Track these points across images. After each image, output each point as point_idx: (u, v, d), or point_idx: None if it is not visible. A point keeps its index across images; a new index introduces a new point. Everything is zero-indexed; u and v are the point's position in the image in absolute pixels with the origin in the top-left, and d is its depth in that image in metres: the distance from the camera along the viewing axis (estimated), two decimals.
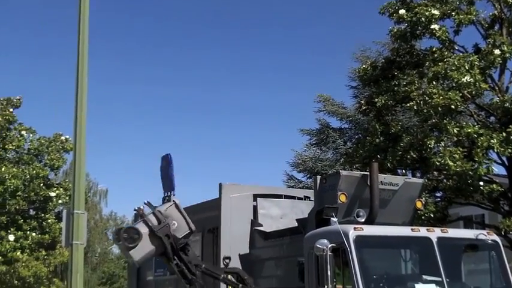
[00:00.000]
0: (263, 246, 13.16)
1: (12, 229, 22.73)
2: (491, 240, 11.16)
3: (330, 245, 9.89)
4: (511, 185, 17.92)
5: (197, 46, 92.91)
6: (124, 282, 39.99)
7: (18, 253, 22.47)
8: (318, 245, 9.98)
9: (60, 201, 23.80)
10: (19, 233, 22.75)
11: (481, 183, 16.73)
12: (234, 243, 13.32)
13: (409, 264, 11.51)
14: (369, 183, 11.38)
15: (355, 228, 10.28)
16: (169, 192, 11.75)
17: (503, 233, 17.05)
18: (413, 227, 11.01)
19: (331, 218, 10.77)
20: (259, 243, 13.25)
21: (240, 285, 11.83)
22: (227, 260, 12.99)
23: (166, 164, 12.03)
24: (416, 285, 10.28)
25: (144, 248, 11.03)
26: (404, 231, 10.83)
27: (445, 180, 18.00)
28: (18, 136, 24.69)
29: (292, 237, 12.32)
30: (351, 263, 9.92)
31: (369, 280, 9.98)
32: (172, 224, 11.17)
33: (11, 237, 22.46)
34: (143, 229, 11.00)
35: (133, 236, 10.89)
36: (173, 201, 11.42)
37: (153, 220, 11.07)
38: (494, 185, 16.78)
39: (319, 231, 10.77)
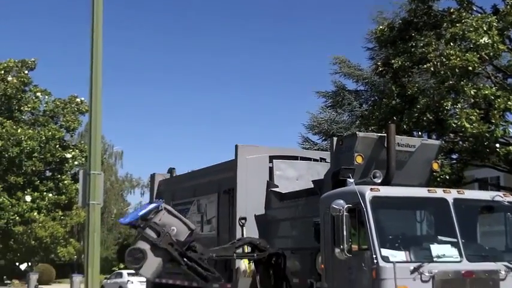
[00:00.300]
0: (279, 207, 13.21)
1: (28, 190, 22.90)
2: (508, 201, 11.10)
3: (346, 206, 9.89)
4: None
5: (213, 13, 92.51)
6: None
7: (35, 213, 22.66)
8: (334, 206, 9.99)
9: (76, 163, 23.94)
10: (35, 193, 22.92)
11: (497, 145, 16.66)
12: (249, 204, 13.38)
13: (424, 225, 11.51)
14: (385, 145, 11.32)
15: (371, 189, 10.26)
16: (158, 205, 11.72)
17: None
18: (429, 188, 10.97)
19: (348, 179, 10.77)
20: (275, 204, 13.30)
21: (255, 254, 11.94)
22: (243, 221, 13.09)
23: (131, 219, 12.26)
24: (431, 245, 10.28)
25: (152, 264, 11.05)
26: (421, 192, 10.80)
27: (461, 142, 17.94)
28: (34, 98, 24.70)
29: (308, 198, 12.32)
30: (366, 223, 9.93)
31: (384, 240, 9.98)
32: (172, 230, 11.13)
33: (28, 198, 22.63)
34: (145, 246, 10.99)
35: (138, 256, 10.94)
36: (164, 208, 11.38)
37: (152, 234, 11.04)
38: (511, 147, 16.69)
39: (335, 192, 10.78)
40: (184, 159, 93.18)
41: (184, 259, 11.21)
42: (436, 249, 10.19)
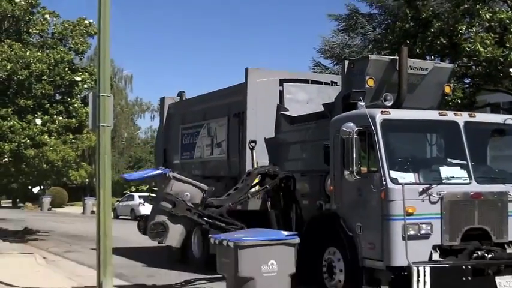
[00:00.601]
0: (289, 131, 13.20)
1: (39, 113, 22.86)
2: None
3: (356, 128, 9.87)
4: None
5: None
6: (151, 165, 40.84)
7: (46, 137, 22.68)
8: (344, 128, 9.96)
9: (85, 86, 23.72)
10: (46, 117, 22.86)
11: (511, 69, 16.43)
12: (259, 127, 13.39)
13: (435, 148, 11.48)
14: (397, 68, 11.18)
15: (382, 112, 10.19)
16: (164, 173, 11.88)
17: None
18: (440, 111, 10.89)
19: (358, 102, 10.69)
20: (285, 128, 13.29)
21: (267, 185, 12.06)
22: (253, 144, 13.13)
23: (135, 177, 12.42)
24: (441, 167, 10.28)
25: (175, 233, 11.35)
26: (432, 115, 10.71)
27: (474, 67, 17.72)
28: (42, 20, 24.35)
29: (318, 121, 12.30)
30: (376, 146, 9.91)
31: (394, 162, 9.99)
32: (186, 196, 11.37)
33: (38, 121, 22.58)
34: (164, 218, 11.24)
35: (160, 230, 11.25)
36: (172, 177, 11.55)
37: (167, 205, 11.28)
38: None
39: (345, 115, 10.73)
40: (194, 83, 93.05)
41: (204, 218, 11.50)
42: (445, 171, 10.19)
